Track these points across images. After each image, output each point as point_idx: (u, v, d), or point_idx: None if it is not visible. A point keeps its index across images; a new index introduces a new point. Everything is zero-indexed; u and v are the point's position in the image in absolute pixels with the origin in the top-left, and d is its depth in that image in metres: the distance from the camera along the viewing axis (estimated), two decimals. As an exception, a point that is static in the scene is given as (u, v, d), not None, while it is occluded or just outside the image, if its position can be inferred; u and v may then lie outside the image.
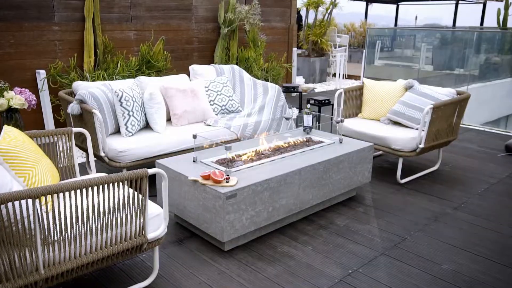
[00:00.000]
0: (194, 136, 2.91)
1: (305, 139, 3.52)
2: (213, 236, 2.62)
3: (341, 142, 3.48)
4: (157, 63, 5.33)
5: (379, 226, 3.07)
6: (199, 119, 4.09)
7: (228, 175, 2.64)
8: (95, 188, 1.87)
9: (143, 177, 1.98)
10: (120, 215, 1.97)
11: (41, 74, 4.95)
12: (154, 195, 3.50)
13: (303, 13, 11.07)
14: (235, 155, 3.09)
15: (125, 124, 3.56)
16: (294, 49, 7.83)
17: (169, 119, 4.13)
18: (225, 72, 4.62)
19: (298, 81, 9.66)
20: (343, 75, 10.96)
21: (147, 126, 3.89)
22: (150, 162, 3.87)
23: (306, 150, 3.24)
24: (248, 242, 2.82)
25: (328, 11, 10.56)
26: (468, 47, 9.75)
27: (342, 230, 2.99)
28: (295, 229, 3.01)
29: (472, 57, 9.63)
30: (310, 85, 9.48)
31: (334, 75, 11.38)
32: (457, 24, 15.99)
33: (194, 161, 2.97)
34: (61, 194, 1.80)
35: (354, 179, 3.37)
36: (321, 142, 3.48)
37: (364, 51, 10.52)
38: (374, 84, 4.31)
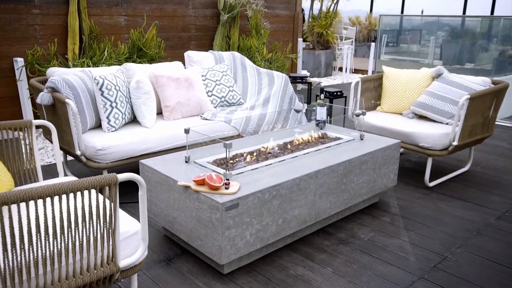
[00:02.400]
0: (187, 131, 2.37)
1: (319, 135, 2.98)
2: (209, 256, 2.08)
3: (362, 139, 2.94)
4: (150, 51, 4.79)
5: (411, 240, 2.53)
6: (195, 112, 3.55)
7: (227, 180, 2.11)
8: (40, 201, 1.33)
9: (111, 185, 1.44)
10: (79, 237, 1.43)
11: (19, 62, 4.41)
12: (131, 202, 2.96)
13: (308, 3, 10.52)
14: (237, 154, 2.55)
15: (107, 117, 3.02)
16: (300, 39, 7.28)
17: (160, 113, 3.59)
18: (225, 60, 4.08)
19: (303, 74, 9.11)
20: (350, 69, 10.40)
21: (134, 120, 3.35)
22: (135, 162, 3.33)
23: (322, 149, 2.70)
24: (252, 262, 2.28)
25: (335, 1, 10.00)
26: (484, 38, 9.20)
27: (367, 246, 2.45)
28: (310, 244, 2.47)
29: (489, 49, 9.07)
30: (316, 79, 8.93)
31: (340, 69, 10.83)
32: (468, 12, 15.38)
33: (186, 162, 2.43)
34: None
35: (378, 182, 2.83)
36: (339, 138, 2.93)
37: (373, 44, 9.97)
38: (396, 73, 3.76)
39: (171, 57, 5.49)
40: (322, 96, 3.21)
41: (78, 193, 1.60)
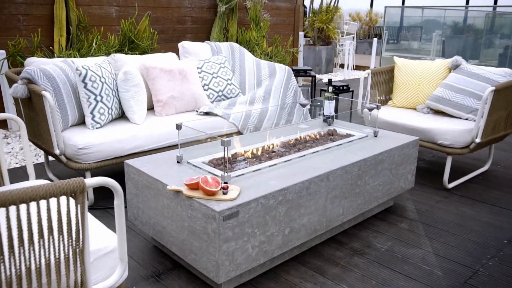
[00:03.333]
0: (178, 126, 2.06)
1: (328, 132, 2.66)
2: (204, 273, 1.77)
3: (376, 136, 2.63)
4: (142, 43, 4.47)
5: (435, 250, 2.22)
6: (190, 107, 3.23)
7: (226, 183, 1.80)
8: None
9: (77, 192, 1.12)
10: (35, 259, 1.12)
11: (0, 54, 4.08)
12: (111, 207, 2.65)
13: (308, -3, 10.20)
14: (236, 153, 2.24)
15: (91, 113, 2.70)
16: (301, 33, 6.97)
17: (151, 108, 3.27)
18: (223, 51, 3.76)
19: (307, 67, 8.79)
20: (352, 65, 10.10)
21: (122, 116, 3.03)
22: (123, 162, 3.01)
23: (332, 147, 2.39)
24: (255, 278, 1.97)
25: (336, -5, 9.69)
26: (489, 33, 8.91)
27: (386, 257, 2.15)
28: (320, 256, 2.16)
29: (491, 44, 8.79)
30: (317, 76, 8.61)
31: (342, 66, 10.53)
32: (469, 13, 15.10)
33: (178, 162, 2.12)
34: None
35: (395, 184, 2.52)
36: (350, 135, 2.62)
37: (375, 40, 9.66)
38: (409, 64, 3.46)
39: (165, 50, 5.17)
40: (330, 88, 2.90)
41: (33, 204, 1.28)
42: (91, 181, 1.15)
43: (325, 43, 10.00)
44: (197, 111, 3.21)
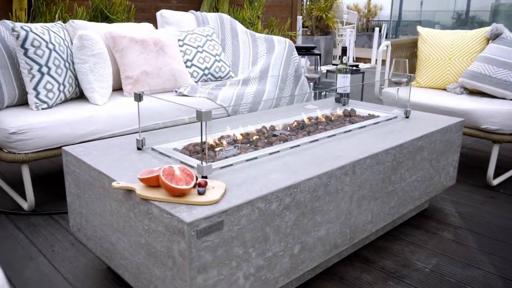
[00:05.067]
0: (138, 97, 1.42)
1: (343, 113, 2.04)
2: (170, 318, 1.14)
3: (407, 117, 2.01)
4: (116, 18, 3.82)
5: (500, 271, 1.60)
6: (168, 87, 2.60)
7: (204, 177, 1.17)
8: None
9: None
10: None
11: None
12: (62, 212, 2.00)
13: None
14: (223, 136, 1.61)
15: (35, 89, 2.06)
16: (299, 16, 6.35)
17: (120, 88, 2.63)
18: (210, 22, 3.13)
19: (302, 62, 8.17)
20: (352, 57, 9.49)
21: (82, 97, 2.40)
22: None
23: (354, 129, 1.77)
24: (249, 317, 1.34)
25: (335, -19, 9.09)
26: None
27: (433, 282, 1.52)
28: (341, 281, 1.53)
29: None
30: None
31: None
32: (472, 5, 14.56)
33: (139, 148, 1.49)
34: None
35: (435, 180, 1.90)
36: (373, 116, 2.00)
37: (377, 29, 9.07)
38: (436, 35, 2.84)
39: (147, 30, 4.53)
40: (344, 59, 2.28)
41: None
42: None
43: (323, 33, 9.40)
44: (176, 91, 2.57)
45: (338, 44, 9.60)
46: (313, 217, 1.31)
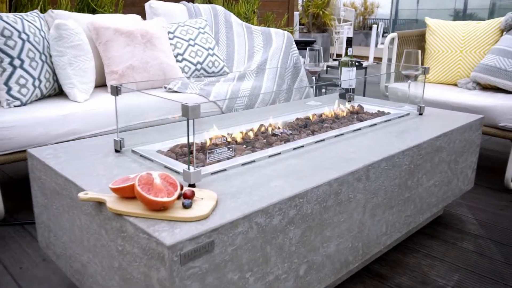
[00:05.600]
0: (115, 90, 1.21)
1: (350, 109, 1.84)
2: None
3: (421, 113, 1.81)
4: (104, 11, 3.60)
5: (532, 289, 1.40)
6: (156, 82, 2.39)
7: (191, 186, 0.97)
8: None
9: None
10: None
11: None
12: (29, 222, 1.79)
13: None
14: (216, 136, 1.40)
15: (6, 84, 1.85)
16: (296, 12, 6.15)
17: (104, 85, 2.42)
18: (202, 14, 2.92)
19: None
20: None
21: (62, 94, 2.18)
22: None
23: (364, 128, 1.57)
24: None
25: (332, -23, 8.90)
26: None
27: (458, 304, 1.33)
28: (353, 303, 1.33)
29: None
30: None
31: (339, 56, 9.73)
32: (470, 3, 14.41)
33: (117, 150, 1.28)
34: None
35: (453, 184, 1.70)
36: (383, 113, 1.80)
37: (374, 27, 8.89)
38: (446, 26, 2.64)
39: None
40: (349, 50, 2.08)
41: None
42: None
43: (320, 31, 9.21)
44: (165, 87, 2.36)
45: (335, 42, 9.41)
46: (322, 232, 1.11)
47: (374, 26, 8.87)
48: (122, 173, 1.10)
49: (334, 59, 7.59)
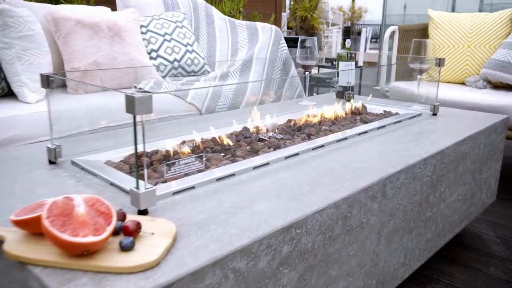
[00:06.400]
0: (46, 81, 0.91)
1: (350, 109, 1.55)
2: None
3: (435, 114, 1.53)
4: (76, 1, 3.28)
5: None
6: (127, 82, 2.09)
7: (143, 214, 0.66)
8: None
9: None
10: None
11: None
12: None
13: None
14: (185, 142, 1.09)
15: None
16: (284, 13, 5.90)
17: (64, 85, 2.10)
18: (181, 7, 2.62)
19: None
20: (338, 58, 9.05)
21: (12, 95, 1.86)
22: None
23: (371, 131, 1.27)
24: None
25: (320, -20, 8.69)
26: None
27: None
28: None
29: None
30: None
31: (328, 61, 9.49)
32: (457, 8, 14.36)
33: (51, 162, 0.96)
34: None
35: (476, 198, 1.42)
36: (391, 114, 1.52)
37: (364, 30, 8.66)
38: (451, 19, 2.38)
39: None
40: (348, 42, 1.80)
41: None
42: None
43: (308, 34, 8.97)
44: (135, 87, 2.05)
45: (324, 46, 9.18)
46: (327, 271, 0.81)
47: (364, 30, 8.66)
48: (49, 194, 0.79)
49: (321, 66, 7.34)
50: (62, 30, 1.98)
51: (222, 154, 1.03)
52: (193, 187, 0.82)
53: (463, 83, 2.33)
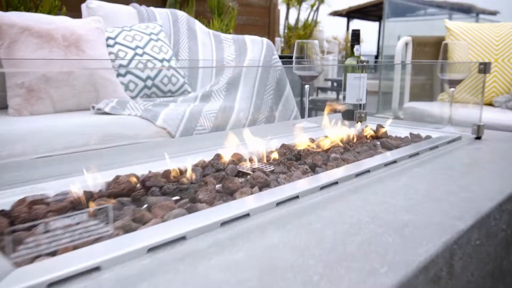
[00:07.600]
0: None
1: (369, 133, 1.16)
2: None
3: (479, 137, 1.15)
4: (41, 8, 2.93)
5: None
6: (84, 102, 1.70)
7: None
8: None
9: None
10: None
11: None
12: None
13: (283, 10, 9.00)
14: (132, 177, 0.69)
15: None
16: (278, 38, 5.62)
17: (3, 107, 1.71)
18: (158, 18, 2.27)
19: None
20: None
21: None
22: None
23: (401, 159, 0.88)
24: None
25: (314, 7, 8.52)
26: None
27: None
28: None
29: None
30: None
31: (322, 90, 9.22)
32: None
33: None
34: None
35: (547, 255, 1.02)
36: (420, 137, 1.13)
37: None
38: (472, 30, 2.04)
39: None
40: (356, 49, 1.44)
41: None
42: None
43: (303, 62, 8.73)
44: (93, 108, 1.67)
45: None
46: None
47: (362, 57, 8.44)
48: None
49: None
50: (5, 38, 1.61)
51: (175, 198, 0.63)
52: (97, 268, 0.42)
53: (490, 104, 1.96)
